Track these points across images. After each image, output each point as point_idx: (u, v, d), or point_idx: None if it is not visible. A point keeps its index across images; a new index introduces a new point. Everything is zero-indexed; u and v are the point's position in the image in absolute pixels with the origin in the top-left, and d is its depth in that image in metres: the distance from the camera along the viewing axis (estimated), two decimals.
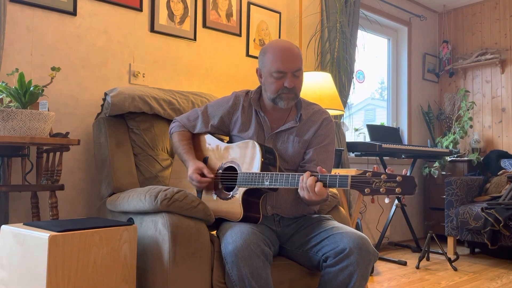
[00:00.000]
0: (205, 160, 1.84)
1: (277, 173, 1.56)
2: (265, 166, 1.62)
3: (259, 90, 1.83)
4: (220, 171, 1.77)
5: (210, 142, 1.87)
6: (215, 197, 1.74)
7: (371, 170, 1.38)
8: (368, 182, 1.36)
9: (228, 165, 1.75)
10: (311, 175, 1.47)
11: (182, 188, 1.67)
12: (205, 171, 1.71)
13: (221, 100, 1.88)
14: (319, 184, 1.45)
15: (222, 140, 1.86)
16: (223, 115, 1.83)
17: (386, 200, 1.39)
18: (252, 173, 1.61)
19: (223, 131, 1.87)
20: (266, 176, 1.57)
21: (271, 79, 1.70)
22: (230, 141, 1.88)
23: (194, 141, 1.92)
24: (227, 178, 1.73)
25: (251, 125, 1.79)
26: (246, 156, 1.68)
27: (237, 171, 1.69)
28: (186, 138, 1.88)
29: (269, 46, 1.73)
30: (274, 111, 1.79)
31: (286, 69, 1.67)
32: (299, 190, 1.51)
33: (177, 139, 1.87)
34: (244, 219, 1.62)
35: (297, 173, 1.52)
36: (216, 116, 1.85)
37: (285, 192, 1.73)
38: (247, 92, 1.85)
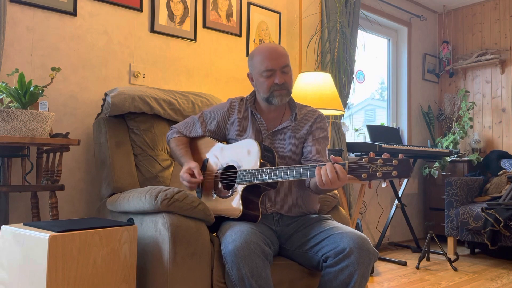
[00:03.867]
0: (205, 162, 1.85)
1: (275, 167, 1.59)
2: (264, 164, 1.64)
3: (253, 94, 1.89)
4: (220, 170, 1.78)
5: (208, 144, 1.89)
6: (215, 196, 1.75)
7: (367, 156, 1.39)
8: (365, 167, 1.38)
9: (227, 165, 1.76)
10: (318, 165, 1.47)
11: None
12: (196, 171, 1.73)
13: (217, 106, 1.94)
14: (340, 168, 1.43)
15: (220, 141, 1.88)
16: (219, 120, 1.88)
17: (383, 185, 1.39)
18: (251, 170, 1.63)
19: (220, 136, 1.91)
20: (264, 172, 1.60)
21: (262, 78, 1.76)
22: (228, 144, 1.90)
23: (193, 144, 1.95)
24: (226, 177, 1.74)
25: (247, 127, 1.83)
26: (245, 155, 1.70)
27: (236, 170, 1.70)
28: (183, 142, 1.92)
29: (255, 50, 1.81)
30: (269, 112, 1.84)
31: (274, 66, 1.73)
32: (318, 182, 1.47)
33: (174, 145, 1.92)
34: (244, 216, 1.62)
35: (295, 166, 1.54)
36: (213, 121, 1.90)
37: (285, 189, 1.75)
38: (242, 98, 1.91)
